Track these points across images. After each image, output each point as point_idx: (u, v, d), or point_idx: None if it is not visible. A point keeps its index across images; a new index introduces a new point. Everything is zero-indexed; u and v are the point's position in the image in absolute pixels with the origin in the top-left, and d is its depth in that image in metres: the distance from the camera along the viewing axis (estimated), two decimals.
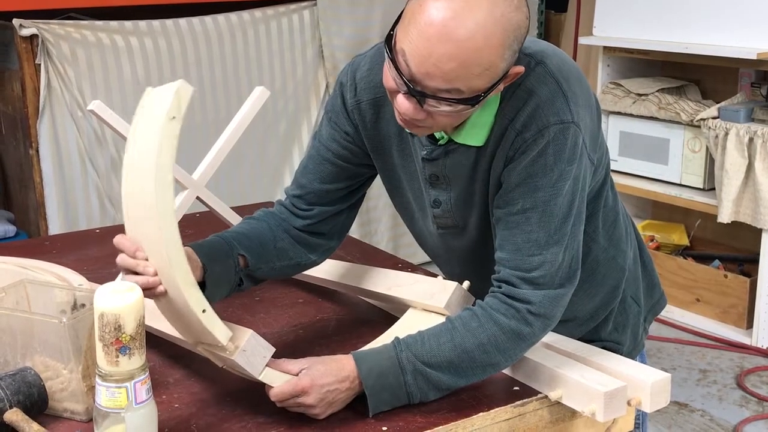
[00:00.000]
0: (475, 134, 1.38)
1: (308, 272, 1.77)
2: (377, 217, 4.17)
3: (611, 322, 1.61)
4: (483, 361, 1.33)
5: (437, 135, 1.41)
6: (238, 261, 1.43)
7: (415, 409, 1.31)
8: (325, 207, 1.54)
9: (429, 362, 1.32)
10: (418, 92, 1.24)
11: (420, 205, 1.52)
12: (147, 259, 1.24)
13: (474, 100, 1.25)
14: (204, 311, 1.22)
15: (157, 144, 1.15)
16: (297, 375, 1.31)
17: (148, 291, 1.23)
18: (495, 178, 1.39)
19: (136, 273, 1.25)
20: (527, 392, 1.36)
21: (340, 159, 1.52)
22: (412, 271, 1.77)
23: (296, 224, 1.53)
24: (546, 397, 1.35)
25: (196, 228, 2.14)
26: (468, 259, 1.53)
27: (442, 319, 1.40)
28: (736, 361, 3.47)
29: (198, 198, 1.78)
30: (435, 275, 1.60)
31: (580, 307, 1.54)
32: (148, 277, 1.23)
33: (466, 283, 1.48)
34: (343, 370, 1.31)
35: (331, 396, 1.29)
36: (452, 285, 1.46)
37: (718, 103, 3.66)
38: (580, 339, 1.52)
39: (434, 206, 1.48)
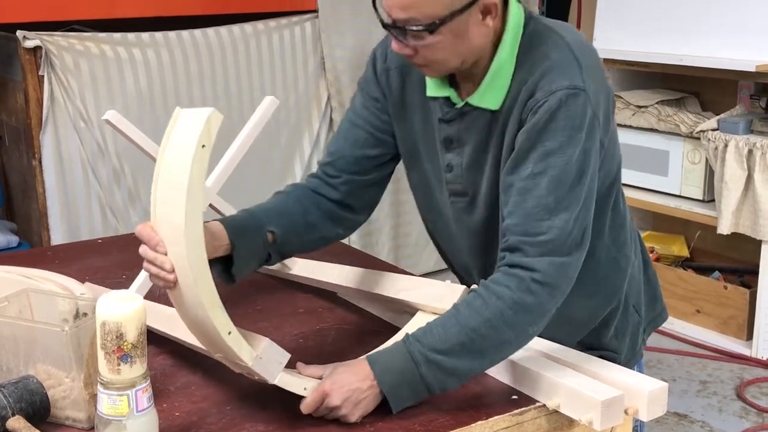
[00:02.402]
0: (490, 97, 1.43)
1: (316, 276, 1.82)
2: (378, 228, 4.18)
3: (612, 328, 1.62)
4: (494, 338, 1.34)
5: (453, 99, 1.47)
6: (266, 237, 1.47)
7: (414, 418, 1.32)
8: (353, 176, 1.58)
9: (440, 349, 1.32)
10: (391, 26, 1.36)
11: (437, 176, 1.56)
12: (166, 254, 1.26)
13: (431, 26, 1.33)
14: (230, 333, 1.24)
15: (188, 172, 1.17)
16: (319, 378, 1.35)
17: (164, 284, 1.27)
18: (509, 141, 1.42)
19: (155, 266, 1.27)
20: (525, 401, 1.37)
21: (370, 125, 1.58)
22: None
23: (326, 194, 1.58)
24: (544, 405, 1.36)
25: None
26: (476, 231, 1.54)
27: None
28: (736, 372, 3.47)
29: (211, 205, 1.79)
30: None
31: (578, 306, 1.52)
32: (166, 273, 1.25)
33: (474, 286, 1.49)
34: (363, 370, 1.33)
35: (354, 396, 1.31)
36: (460, 288, 1.47)
37: (717, 115, 3.67)
38: (580, 343, 1.53)
39: (447, 170, 1.52)
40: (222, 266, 1.42)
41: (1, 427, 1.22)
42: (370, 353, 1.38)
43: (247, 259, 1.44)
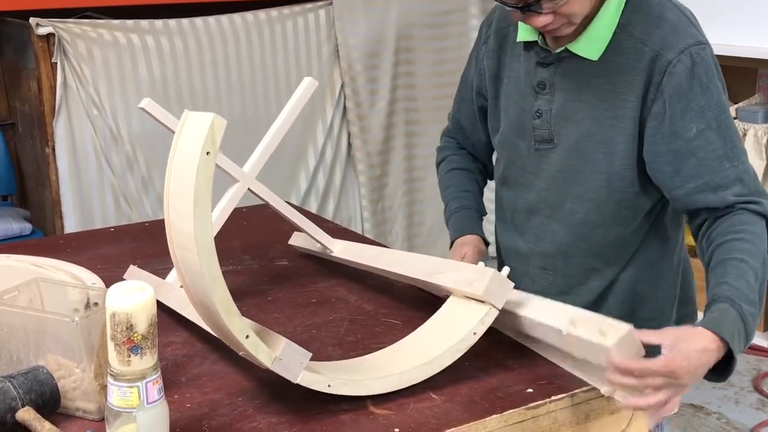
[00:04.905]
0: (590, 47, 1.49)
1: (347, 256, 1.82)
2: (392, 217, 4.16)
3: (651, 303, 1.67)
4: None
5: (541, 44, 1.55)
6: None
7: (428, 411, 1.30)
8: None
9: (752, 300, 1.35)
10: (528, 5, 1.42)
11: (524, 124, 1.61)
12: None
13: None
14: (247, 337, 1.23)
15: (194, 181, 1.17)
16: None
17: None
18: (635, 100, 1.47)
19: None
20: (541, 394, 1.35)
21: (474, 91, 1.73)
22: None
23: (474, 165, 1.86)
24: (560, 399, 1.34)
25: (248, 220, 2.21)
26: (556, 178, 1.59)
27: (482, 307, 1.39)
28: (753, 364, 3.44)
29: (250, 190, 1.78)
30: None
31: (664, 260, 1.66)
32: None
33: (505, 270, 1.47)
34: (702, 338, 1.28)
35: (694, 372, 1.26)
36: (490, 272, 1.44)
37: (736, 103, 3.63)
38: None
39: (536, 117, 1.57)
40: None
41: (10, 418, 1.21)
42: (707, 322, 1.31)
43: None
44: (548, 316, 1.39)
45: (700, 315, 1.85)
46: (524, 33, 1.58)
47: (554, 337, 1.37)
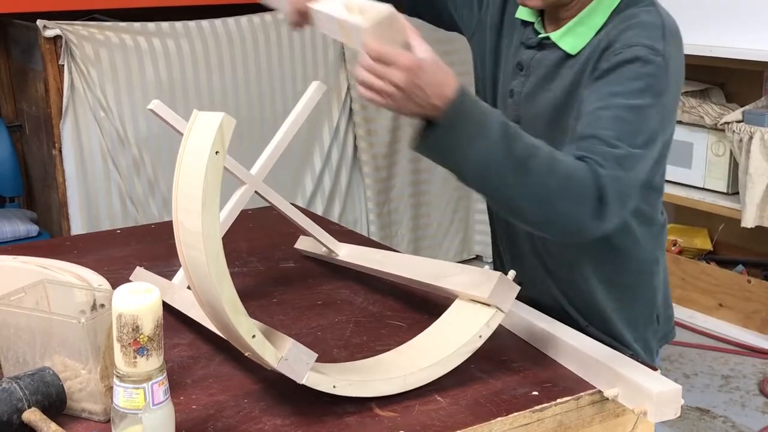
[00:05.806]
0: (570, 40, 1.47)
1: (353, 260, 1.82)
2: (398, 219, 4.17)
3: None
4: (542, 174, 1.26)
5: (537, 27, 1.54)
6: None
7: (433, 414, 1.30)
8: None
9: (512, 133, 1.26)
10: None
11: (503, 103, 1.60)
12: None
13: None
14: (254, 336, 1.23)
15: (202, 180, 1.17)
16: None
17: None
18: (581, 88, 1.44)
19: None
20: (546, 397, 1.35)
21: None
22: None
23: None
24: (565, 402, 1.34)
25: (254, 222, 2.21)
26: None
27: (488, 310, 1.40)
28: (759, 368, 3.44)
29: (257, 192, 1.78)
30: None
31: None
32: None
33: (511, 273, 1.47)
34: (448, 79, 1.23)
35: (418, 91, 1.20)
36: (496, 275, 1.45)
37: (742, 106, 3.63)
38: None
39: (509, 95, 1.56)
40: None
41: (17, 420, 1.21)
42: (462, 89, 1.24)
43: None
44: (330, 8, 1.35)
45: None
46: (522, 12, 1.57)
47: (336, 30, 1.34)
